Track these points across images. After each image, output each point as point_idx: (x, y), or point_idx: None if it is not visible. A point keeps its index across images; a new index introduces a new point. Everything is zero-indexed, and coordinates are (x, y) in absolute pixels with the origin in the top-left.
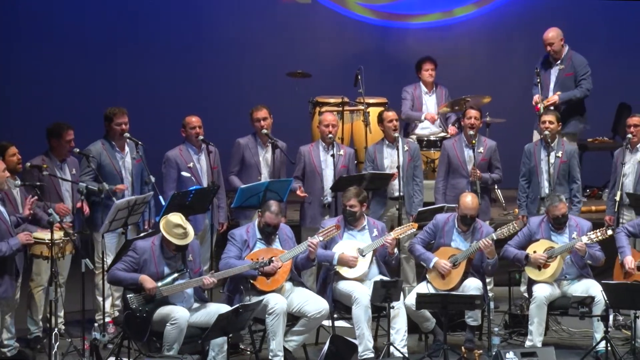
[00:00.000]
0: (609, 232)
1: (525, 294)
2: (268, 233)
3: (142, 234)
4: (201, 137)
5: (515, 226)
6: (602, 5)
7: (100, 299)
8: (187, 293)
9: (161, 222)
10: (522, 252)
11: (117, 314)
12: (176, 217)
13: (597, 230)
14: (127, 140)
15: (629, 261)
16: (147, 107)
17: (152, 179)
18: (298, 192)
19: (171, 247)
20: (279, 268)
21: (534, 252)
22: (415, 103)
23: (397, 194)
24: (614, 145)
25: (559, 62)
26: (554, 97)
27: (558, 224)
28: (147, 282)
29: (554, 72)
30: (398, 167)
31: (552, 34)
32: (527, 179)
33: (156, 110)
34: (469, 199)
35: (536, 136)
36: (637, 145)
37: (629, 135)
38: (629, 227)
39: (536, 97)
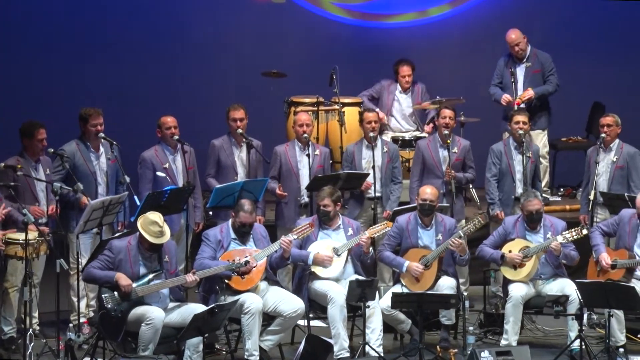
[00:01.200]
0: (584, 231)
1: (499, 293)
2: (243, 232)
3: (117, 234)
4: (176, 137)
5: (480, 220)
6: (576, 5)
7: (75, 299)
8: (162, 293)
9: (139, 219)
10: (498, 252)
11: (92, 314)
12: (155, 215)
13: (572, 230)
14: (102, 140)
15: (605, 257)
16: (122, 107)
17: (127, 179)
18: (278, 191)
19: (145, 246)
20: (254, 267)
21: (510, 251)
22: (387, 98)
23: (373, 194)
24: (588, 145)
25: (524, 60)
26: (529, 92)
27: (532, 221)
28: (122, 279)
29: (521, 71)
30: (373, 167)
31: (515, 35)
32: (497, 179)
33: (131, 110)
34: (427, 188)
35: (505, 136)
36: (611, 145)
37: (603, 135)
38: (603, 227)
39: (507, 97)
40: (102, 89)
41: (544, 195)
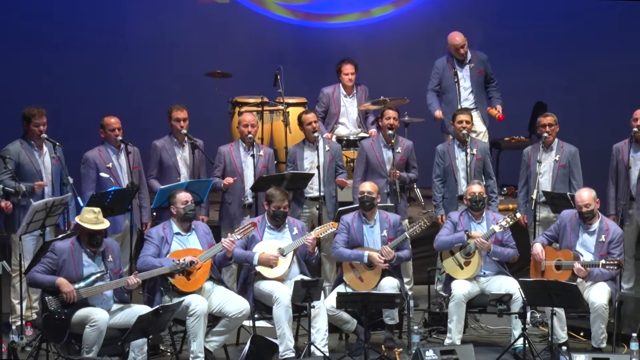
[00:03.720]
0: (518, 214)
1: (441, 293)
2: (188, 217)
3: (60, 235)
4: (120, 138)
5: (425, 222)
6: (517, 5)
7: (16, 301)
8: (106, 295)
9: (78, 216)
10: (459, 232)
11: (34, 316)
12: (92, 207)
13: (507, 216)
14: (45, 140)
15: (538, 248)
16: (65, 107)
17: (70, 180)
18: (225, 181)
19: (85, 239)
20: (199, 269)
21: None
22: (333, 105)
23: (316, 193)
24: (531, 144)
25: (468, 61)
26: (499, 107)
27: (476, 207)
28: (64, 286)
29: (466, 72)
30: (318, 168)
31: (460, 38)
32: (441, 179)
33: (75, 110)
34: (367, 183)
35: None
36: (552, 145)
37: (545, 134)
38: (547, 233)
39: (439, 113)
40: (44, 88)
41: (494, 192)
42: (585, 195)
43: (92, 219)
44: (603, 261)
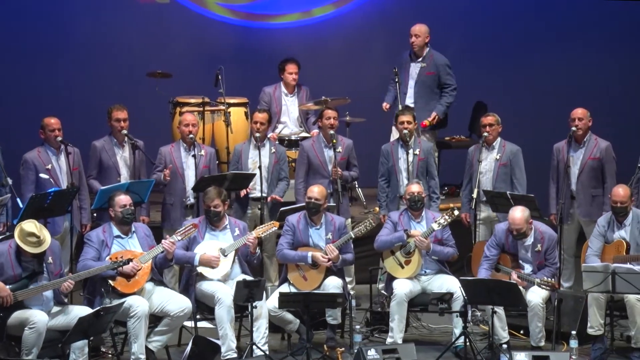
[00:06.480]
0: (456, 212)
1: (383, 292)
2: (127, 219)
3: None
4: (60, 139)
5: (371, 222)
6: (458, 6)
7: None
8: (46, 296)
9: (15, 230)
10: (399, 232)
11: None
12: (30, 225)
13: (445, 214)
14: None
15: (514, 277)
16: (5, 108)
17: (9, 181)
18: (165, 173)
19: (27, 255)
20: (139, 270)
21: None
22: (274, 105)
23: (259, 194)
24: (471, 144)
25: (420, 59)
26: (433, 115)
27: (415, 206)
28: (1, 290)
29: (415, 69)
30: (260, 168)
31: (420, 27)
32: (386, 179)
33: (14, 111)
34: (315, 187)
35: (395, 135)
36: (494, 143)
37: (485, 134)
38: (490, 251)
39: (386, 105)
40: None
41: (435, 192)
42: (518, 216)
43: (34, 242)
44: (538, 280)
